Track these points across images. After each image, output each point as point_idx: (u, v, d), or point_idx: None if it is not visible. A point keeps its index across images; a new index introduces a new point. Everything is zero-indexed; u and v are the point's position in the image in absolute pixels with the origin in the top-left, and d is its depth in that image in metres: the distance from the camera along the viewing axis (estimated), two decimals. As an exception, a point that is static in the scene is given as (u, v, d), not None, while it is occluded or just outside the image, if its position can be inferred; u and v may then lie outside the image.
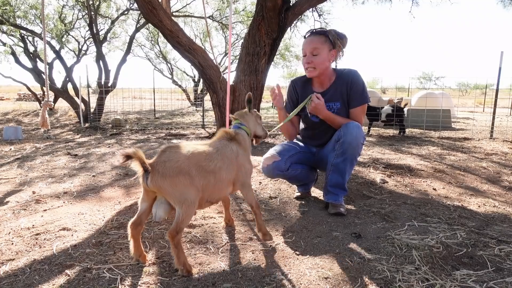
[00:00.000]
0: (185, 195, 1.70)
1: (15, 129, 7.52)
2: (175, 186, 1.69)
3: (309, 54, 2.52)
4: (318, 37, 2.52)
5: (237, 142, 2.09)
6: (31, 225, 2.31)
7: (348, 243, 2.04)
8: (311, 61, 2.52)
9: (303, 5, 5.64)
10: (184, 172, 1.72)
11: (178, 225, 1.68)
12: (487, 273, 1.72)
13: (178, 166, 1.71)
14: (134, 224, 1.77)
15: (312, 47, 2.51)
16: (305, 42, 2.56)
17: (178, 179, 1.69)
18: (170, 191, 1.69)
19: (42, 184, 3.44)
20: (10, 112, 14.81)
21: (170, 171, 1.69)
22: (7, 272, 1.71)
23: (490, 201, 2.89)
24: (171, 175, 1.68)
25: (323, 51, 2.51)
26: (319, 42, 2.50)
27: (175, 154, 1.76)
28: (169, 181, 1.68)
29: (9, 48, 12.51)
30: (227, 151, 1.99)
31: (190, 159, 1.77)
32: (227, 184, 1.98)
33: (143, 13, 5.19)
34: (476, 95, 25.55)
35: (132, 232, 1.77)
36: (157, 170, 1.68)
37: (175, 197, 1.70)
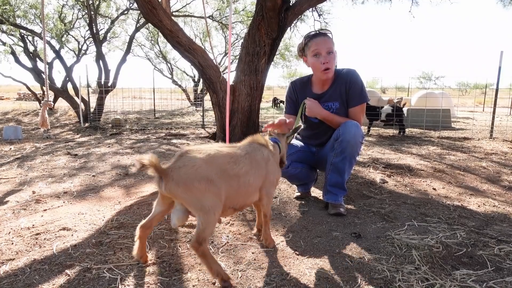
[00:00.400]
0: (202, 202, 1.59)
1: (15, 128, 7.52)
2: (190, 192, 1.59)
3: (325, 54, 2.51)
4: (328, 37, 2.54)
5: (268, 149, 2.00)
6: (31, 225, 2.31)
7: (348, 243, 2.05)
8: (329, 60, 2.51)
9: (303, 5, 5.64)
10: (200, 178, 1.60)
11: (199, 234, 1.56)
12: (487, 273, 1.72)
13: (194, 171, 1.60)
14: (143, 227, 1.74)
15: (328, 46, 2.51)
16: (318, 41, 2.52)
17: (193, 185, 1.58)
18: (185, 198, 1.60)
19: (42, 184, 3.44)
20: (10, 112, 14.81)
21: (185, 177, 1.58)
22: (7, 272, 1.71)
23: (490, 201, 2.89)
24: (185, 182, 1.57)
25: (334, 50, 2.54)
26: (330, 42, 2.53)
27: (192, 158, 1.64)
28: (183, 187, 1.58)
29: (9, 47, 12.51)
30: (257, 155, 1.89)
31: (210, 163, 1.66)
32: (254, 189, 1.87)
33: (143, 12, 5.19)
34: (476, 95, 25.56)
35: (140, 234, 1.74)
36: (171, 177, 1.58)
37: (192, 204, 1.60)
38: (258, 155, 1.89)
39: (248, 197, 1.86)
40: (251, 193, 1.86)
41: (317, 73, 2.59)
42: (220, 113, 5.94)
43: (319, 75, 2.58)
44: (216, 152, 1.73)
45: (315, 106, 2.55)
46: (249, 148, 1.90)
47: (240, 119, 5.77)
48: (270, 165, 1.95)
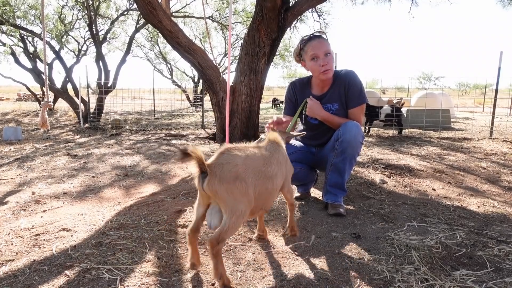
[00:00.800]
0: (237, 204, 1.56)
1: (15, 129, 7.52)
2: (231, 193, 1.55)
3: (323, 56, 2.51)
4: (324, 40, 2.54)
5: (283, 148, 2.02)
6: (31, 226, 2.31)
7: (348, 244, 2.05)
8: (327, 62, 2.51)
9: (303, 5, 5.65)
10: (241, 178, 1.58)
11: (221, 234, 1.52)
12: (487, 273, 1.72)
13: (236, 170, 1.57)
14: (193, 231, 1.68)
15: (325, 49, 2.51)
16: (314, 45, 2.52)
17: (235, 185, 1.55)
18: (225, 198, 1.55)
19: (42, 184, 3.44)
20: (10, 113, 14.81)
21: (228, 175, 1.55)
22: (7, 273, 1.71)
23: (489, 201, 2.89)
24: (229, 180, 1.54)
25: (331, 51, 2.54)
26: (327, 44, 2.53)
27: (234, 157, 1.62)
28: (226, 186, 1.54)
29: (9, 48, 12.51)
30: (280, 155, 1.90)
31: (249, 164, 1.64)
32: (278, 190, 1.89)
33: (143, 13, 5.19)
34: (476, 95, 25.57)
35: (190, 239, 1.69)
36: (215, 173, 1.52)
37: (229, 204, 1.55)
38: (280, 155, 1.90)
39: (275, 197, 1.87)
40: (276, 193, 1.89)
41: (317, 75, 2.59)
42: (220, 113, 5.95)
43: (320, 77, 2.58)
44: (253, 153, 1.72)
45: (316, 106, 2.56)
46: (273, 149, 1.90)
47: (240, 120, 5.78)
48: (288, 164, 1.99)
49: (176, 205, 2.71)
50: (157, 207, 2.70)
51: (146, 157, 4.83)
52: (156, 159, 4.66)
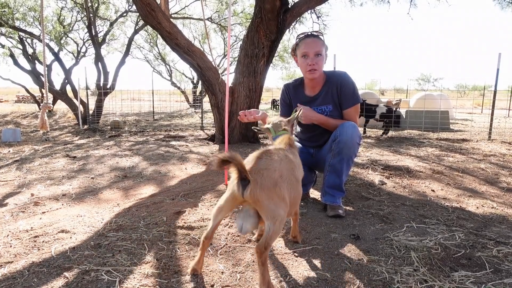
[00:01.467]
0: (278, 210, 1.54)
1: (14, 131, 7.50)
2: (272, 199, 1.53)
3: (313, 56, 2.52)
4: (318, 39, 2.54)
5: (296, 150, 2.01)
6: (30, 228, 2.31)
7: (347, 245, 2.05)
8: (315, 62, 2.52)
9: (302, 6, 5.66)
10: (279, 184, 1.57)
11: (267, 241, 1.50)
12: (486, 275, 1.72)
13: (275, 176, 1.57)
14: (208, 237, 1.65)
15: (316, 48, 2.51)
16: (307, 43, 2.53)
17: (275, 191, 1.54)
18: (266, 204, 1.52)
19: (41, 186, 3.44)
20: (9, 114, 14.79)
21: (269, 182, 1.53)
22: (6, 275, 1.70)
23: (488, 203, 2.89)
24: (269, 187, 1.53)
25: (323, 53, 2.53)
26: (320, 43, 2.53)
27: (272, 162, 1.61)
28: (267, 193, 1.52)
29: (8, 50, 12.52)
30: (297, 159, 1.92)
31: (283, 169, 1.64)
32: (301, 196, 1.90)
33: (142, 15, 5.20)
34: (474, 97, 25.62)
35: (204, 246, 1.68)
36: (256, 180, 1.50)
37: (269, 210, 1.52)
38: (297, 159, 1.91)
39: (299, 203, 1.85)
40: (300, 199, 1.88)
41: (304, 73, 2.61)
42: (219, 114, 5.95)
43: (306, 75, 2.60)
44: (284, 157, 1.71)
45: (309, 112, 2.56)
46: (293, 152, 1.91)
47: (239, 121, 5.78)
48: (300, 167, 1.96)
49: (175, 206, 2.71)
50: (156, 208, 2.70)
51: (145, 158, 4.83)
52: (155, 161, 4.65)
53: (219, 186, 3.29)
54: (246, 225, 1.56)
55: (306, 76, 2.62)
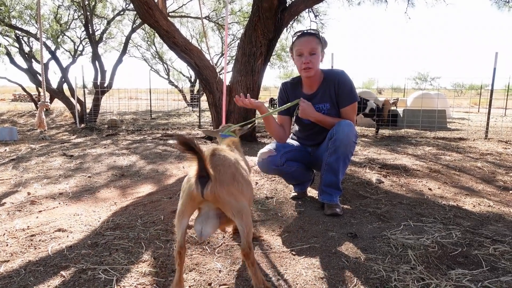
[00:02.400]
0: (241, 203, 1.51)
1: (10, 129, 7.47)
2: (232, 194, 1.49)
3: (307, 54, 2.51)
4: (313, 37, 2.53)
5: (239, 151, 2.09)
6: (26, 226, 2.30)
7: (344, 243, 2.05)
8: (310, 60, 2.51)
9: (299, 5, 5.66)
10: (236, 178, 1.55)
11: (247, 240, 1.48)
12: (482, 273, 1.73)
13: (231, 171, 1.54)
14: (182, 248, 1.49)
15: (310, 47, 2.50)
16: (302, 41, 2.54)
17: (233, 186, 1.51)
18: (228, 200, 1.48)
19: (37, 185, 3.42)
20: (5, 113, 14.72)
21: (227, 177, 1.50)
22: (2, 274, 1.70)
23: (485, 201, 2.90)
24: (228, 182, 1.49)
25: (318, 52, 2.53)
26: (315, 42, 2.51)
27: (226, 158, 1.58)
28: (227, 188, 1.48)
29: (4, 48, 12.43)
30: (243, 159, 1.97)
31: (238, 164, 1.64)
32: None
33: (139, 13, 5.18)
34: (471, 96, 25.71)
35: (182, 259, 1.49)
36: (214, 177, 1.44)
37: (233, 206, 1.49)
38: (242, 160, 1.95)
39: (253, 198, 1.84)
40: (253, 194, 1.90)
41: (299, 71, 2.62)
42: (216, 113, 5.94)
43: (301, 74, 2.61)
44: (233, 154, 1.74)
45: (308, 108, 2.55)
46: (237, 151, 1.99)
47: (237, 120, 5.78)
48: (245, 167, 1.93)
49: (173, 205, 2.71)
50: (153, 207, 2.70)
51: (143, 157, 4.82)
52: (152, 159, 4.64)
53: (217, 185, 3.28)
54: (206, 228, 1.51)
55: (302, 75, 2.62)
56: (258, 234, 2.16)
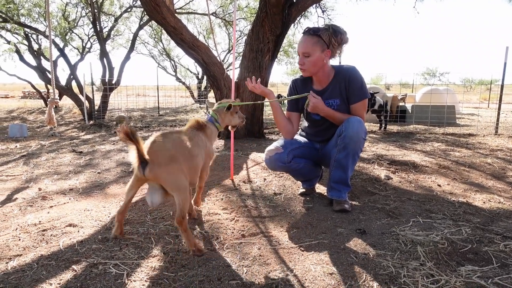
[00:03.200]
0: (179, 181, 1.87)
1: (20, 126, 7.57)
2: (170, 173, 1.84)
3: (301, 56, 2.54)
4: (311, 37, 2.49)
5: (205, 134, 2.29)
6: (38, 221, 2.33)
7: (353, 239, 2.05)
8: (303, 62, 2.54)
9: (307, 1, 5.62)
10: (175, 159, 1.88)
11: (181, 210, 1.84)
12: (492, 269, 1.71)
13: (169, 154, 1.87)
14: (121, 212, 2.02)
15: (303, 50, 2.51)
16: (299, 42, 2.57)
17: (171, 166, 1.85)
18: (165, 179, 1.85)
19: (48, 181, 3.47)
20: (15, 110, 14.91)
21: (164, 160, 1.84)
22: (15, 268, 1.73)
23: (495, 197, 2.87)
24: (165, 164, 1.84)
25: (315, 53, 2.48)
26: (310, 43, 2.48)
27: (164, 143, 1.92)
28: (164, 169, 1.83)
29: (14, 46, 12.57)
30: (200, 140, 2.18)
31: (177, 147, 1.95)
32: (200, 168, 2.19)
33: (147, 10, 5.19)
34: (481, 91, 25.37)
35: (118, 218, 2.03)
36: (152, 160, 1.81)
37: (171, 183, 1.86)
38: (199, 140, 2.18)
39: (198, 175, 2.18)
40: (199, 172, 2.18)
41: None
42: (224, 110, 5.93)
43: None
44: (178, 137, 2.03)
45: (319, 103, 2.54)
46: (193, 134, 2.18)
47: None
48: (208, 148, 2.27)
49: (181, 201, 2.72)
50: (162, 202, 2.71)
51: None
52: (160, 156, 4.67)
53: (225, 181, 3.30)
54: (154, 198, 1.87)
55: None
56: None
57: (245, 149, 4.86)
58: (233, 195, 2.89)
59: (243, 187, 3.10)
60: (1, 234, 2.14)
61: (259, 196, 2.86)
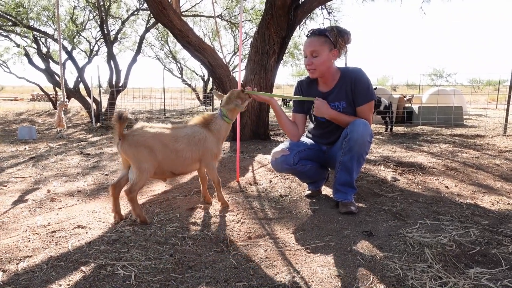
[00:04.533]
0: (141, 164, 2.21)
1: (29, 129, 7.66)
2: (137, 155, 2.19)
3: (309, 56, 2.52)
4: (318, 38, 2.49)
5: (209, 130, 2.49)
6: (47, 223, 2.36)
7: (360, 241, 2.04)
8: (312, 62, 2.51)
9: (313, 2, 5.62)
10: (146, 146, 2.21)
11: (132, 186, 2.22)
12: (501, 271, 1.70)
13: (144, 140, 2.21)
14: (113, 186, 2.33)
15: (311, 49, 2.49)
16: (305, 43, 2.54)
17: (140, 149, 2.19)
18: (132, 157, 2.21)
19: (57, 182, 3.51)
20: (24, 112, 15.08)
21: (136, 142, 2.19)
22: (25, 269, 1.75)
23: (504, 199, 2.85)
24: (136, 146, 2.19)
25: (323, 52, 2.48)
26: (318, 43, 2.48)
27: (144, 131, 2.25)
28: (133, 150, 2.19)
29: (23, 49, 12.73)
30: (195, 136, 2.41)
31: (156, 138, 2.26)
32: (191, 161, 2.42)
33: (153, 13, 5.23)
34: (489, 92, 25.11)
35: (112, 192, 2.32)
36: (127, 140, 2.19)
37: (135, 164, 2.21)
38: (196, 135, 2.41)
39: (186, 166, 2.43)
40: (189, 164, 2.42)
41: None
42: (230, 112, 5.95)
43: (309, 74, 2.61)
44: (162, 131, 2.32)
45: (323, 106, 2.55)
46: (189, 131, 2.42)
47: (250, 118, 5.79)
48: (208, 143, 2.46)
49: (188, 203, 2.74)
50: (169, 204, 2.73)
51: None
52: (167, 158, 4.69)
53: (231, 183, 3.31)
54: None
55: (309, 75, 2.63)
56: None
57: (251, 151, 4.86)
58: (239, 197, 2.90)
59: (249, 189, 3.11)
60: (11, 236, 2.17)
61: (265, 198, 2.87)
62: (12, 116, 13.87)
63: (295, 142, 2.74)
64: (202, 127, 2.48)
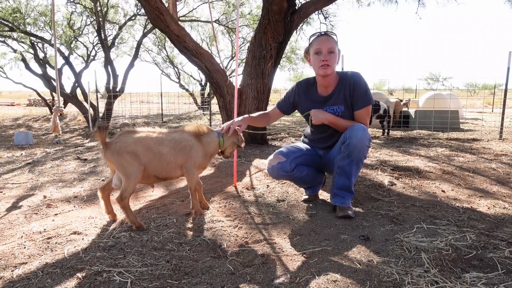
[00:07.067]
0: (127, 169, 2.25)
1: (26, 134, 7.63)
2: (120, 161, 2.24)
3: (326, 52, 2.52)
4: (332, 37, 2.57)
5: (199, 141, 2.50)
6: (43, 229, 2.35)
7: (356, 246, 2.04)
8: (328, 58, 2.52)
9: (309, 8, 5.66)
10: (129, 151, 2.25)
11: (122, 193, 2.26)
12: (498, 276, 1.70)
13: (125, 146, 2.26)
14: (102, 189, 2.46)
15: (329, 46, 2.52)
16: (321, 40, 2.55)
17: (122, 155, 2.24)
18: (116, 165, 2.26)
19: (53, 188, 3.49)
20: (21, 117, 15.03)
21: (118, 149, 2.24)
22: (20, 276, 1.74)
23: (500, 203, 2.86)
24: (119, 153, 2.24)
25: (336, 51, 2.55)
26: (334, 41, 2.55)
27: (127, 137, 2.31)
28: (116, 157, 2.24)
29: (20, 54, 12.72)
30: (182, 142, 2.43)
31: (138, 142, 2.30)
32: (175, 166, 2.43)
33: (150, 18, 5.25)
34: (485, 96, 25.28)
35: (101, 195, 2.46)
36: (110, 148, 2.25)
37: (120, 169, 2.26)
38: (183, 142, 2.43)
39: (170, 171, 2.43)
40: (172, 168, 2.43)
41: (316, 70, 2.59)
42: (227, 116, 5.97)
43: (318, 72, 2.58)
44: (146, 135, 2.37)
45: (320, 113, 2.57)
46: (177, 136, 2.45)
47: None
48: (194, 152, 2.46)
49: (185, 208, 2.73)
50: (166, 210, 2.73)
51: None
52: (164, 163, 4.68)
53: (228, 188, 3.31)
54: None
55: (319, 73, 2.59)
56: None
57: (248, 156, 4.86)
58: (236, 202, 2.89)
59: (246, 194, 3.11)
60: (6, 242, 2.16)
61: (262, 203, 2.87)
62: (8, 121, 13.82)
63: (291, 148, 2.75)
64: (192, 136, 2.48)
